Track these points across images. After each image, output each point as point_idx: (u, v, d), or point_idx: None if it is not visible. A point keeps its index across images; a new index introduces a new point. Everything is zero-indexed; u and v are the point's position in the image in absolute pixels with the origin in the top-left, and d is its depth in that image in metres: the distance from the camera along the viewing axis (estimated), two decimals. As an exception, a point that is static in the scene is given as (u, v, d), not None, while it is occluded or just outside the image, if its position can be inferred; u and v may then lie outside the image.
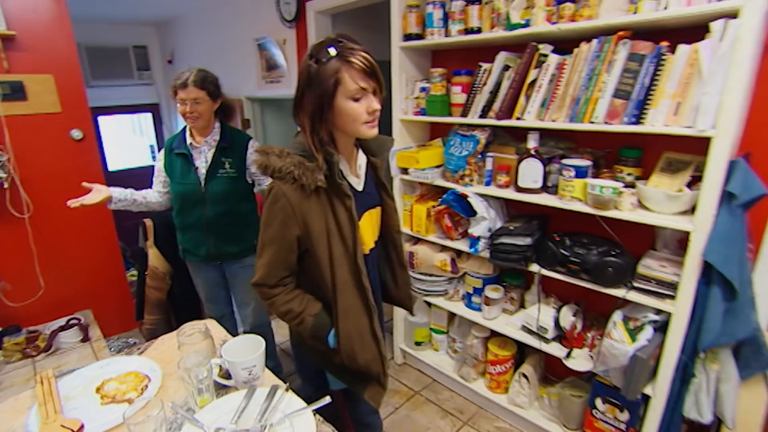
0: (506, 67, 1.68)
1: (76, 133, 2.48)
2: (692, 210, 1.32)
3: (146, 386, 0.97)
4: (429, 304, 2.30)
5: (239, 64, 3.50)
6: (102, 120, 4.63)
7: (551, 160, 1.66)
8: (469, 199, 1.79)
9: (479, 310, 2.02)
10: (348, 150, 1.10)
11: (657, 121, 1.34)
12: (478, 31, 1.72)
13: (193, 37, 4.16)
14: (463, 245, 1.95)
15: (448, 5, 1.79)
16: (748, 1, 1.11)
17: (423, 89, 2.00)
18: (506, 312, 2.00)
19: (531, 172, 1.65)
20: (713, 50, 1.19)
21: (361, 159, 1.15)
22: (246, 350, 0.97)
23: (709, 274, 1.32)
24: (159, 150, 1.99)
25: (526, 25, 1.58)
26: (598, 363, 1.58)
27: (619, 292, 1.50)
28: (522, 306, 1.99)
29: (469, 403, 2.20)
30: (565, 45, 1.55)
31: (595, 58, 1.44)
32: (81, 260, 2.59)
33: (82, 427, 0.84)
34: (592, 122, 1.46)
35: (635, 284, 1.48)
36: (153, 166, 1.98)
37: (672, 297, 1.40)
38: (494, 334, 2.04)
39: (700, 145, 1.27)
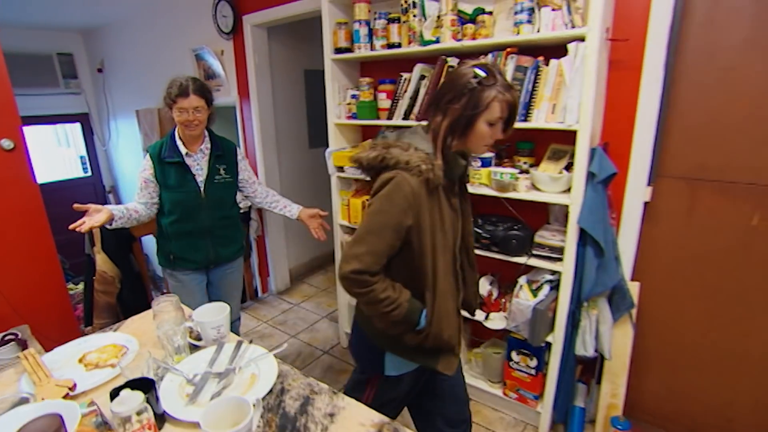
0: (422, 77, 1.98)
1: (6, 143, 2.46)
2: (569, 189, 1.68)
3: (125, 353, 1.13)
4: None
5: (176, 73, 3.54)
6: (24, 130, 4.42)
7: (464, 154, 1.98)
8: (398, 191, 2.07)
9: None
10: None
11: (540, 119, 1.69)
12: (399, 46, 2.01)
13: (125, 46, 4.13)
14: (396, 232, 2.22)
15: (372, 23, 2.06)
16: (590, 30, 1.48)
17: (353, 96, 2.26)
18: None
19: (448, 164, 1.95)
20: (571, 64, 1.55)
21: None
22: (213, 314, 1.15)
23: (584, 238, 1.68)
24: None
25: (437, 41, 1.88)
26: (510, 320, 1.91)
27: (521, 260, 1.84)
28: (449, 282, 2.29)
29: (410, 375, 2.47)
30: (468, 58, 1.87)
31: (492, 69, 1.78)
32: (14, 274, 2.54)
33: (74, 385, 0.99)
34: (492, 121, 1.79)
35: (534, 252, 1.82)
36: (77, 176, 1.88)
37: (561, 259, 1.75)
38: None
39: (572, 137, 1.63)
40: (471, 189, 1.89)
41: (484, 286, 2.06)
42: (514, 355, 2.02)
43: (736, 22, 1.53)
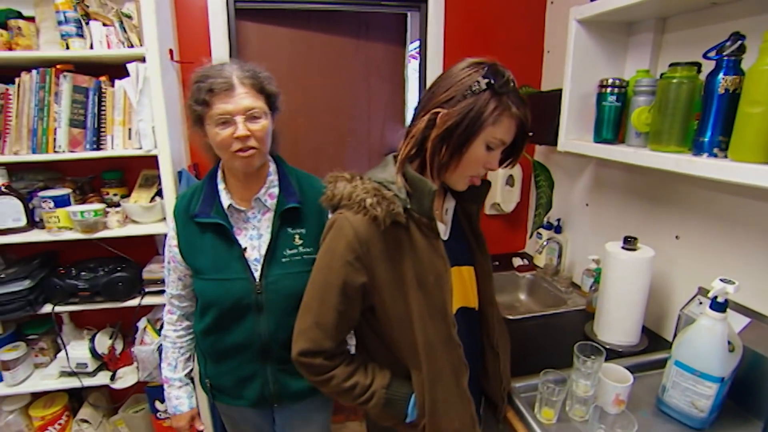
0: (-71, 97, 1.43)
1: None
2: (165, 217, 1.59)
3: None
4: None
5: None
6: None
7: (32, 195, 1.57)
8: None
9: (1, 380, 1.70)
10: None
11: (116, 146, 1.52)
12: None
13: None
14: (-53, 314, 1.56)
15: None
16: (148, 50, 1.42)
17: None
18: (40, 366, 1.78)
19: (7, 210, 1.50)
20: (134, 86, 1.45)
21: (449, 203, 0.95)
22: None
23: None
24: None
25: (-55, 49, 1.39)
26: (141, 370, 1.69)
27: (134, 302, 1.63)
28: (59, 351, 1.83)
29: (30, 489, 1.85)
30: (6, 73, 1.48)
31: (40, 88, 1.46)
32: None
33: None
34: (56, 152, 1.48)
35: (147, 289, 1.65)
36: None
37: (177, 289, 1.66)
38: (35, 396, 1.78)
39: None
40: (49, 236, 1.53)
41: (103, 342, 1.75)
42: (158, 404, 1.81)
43: (279, 55, 1.82)
